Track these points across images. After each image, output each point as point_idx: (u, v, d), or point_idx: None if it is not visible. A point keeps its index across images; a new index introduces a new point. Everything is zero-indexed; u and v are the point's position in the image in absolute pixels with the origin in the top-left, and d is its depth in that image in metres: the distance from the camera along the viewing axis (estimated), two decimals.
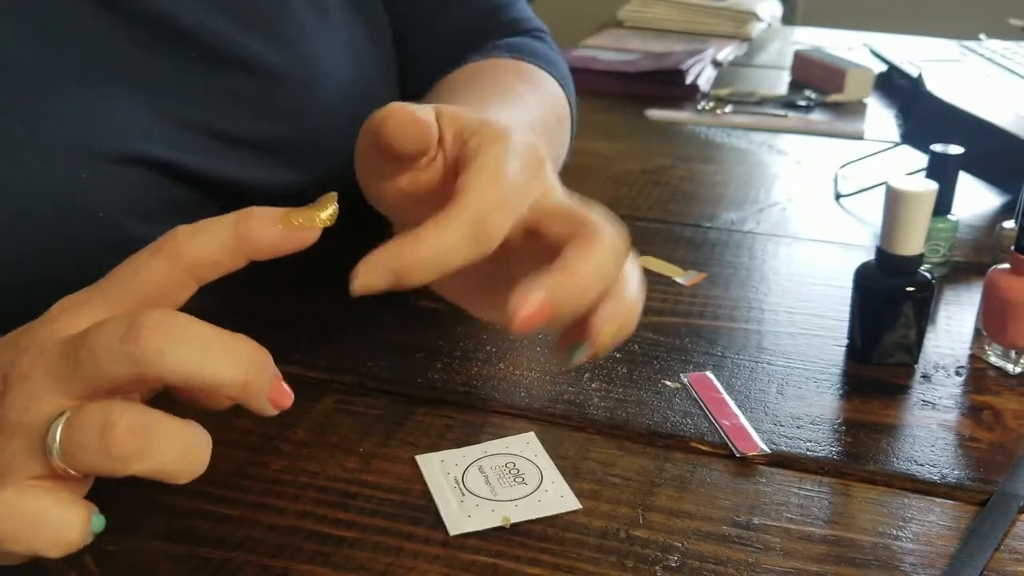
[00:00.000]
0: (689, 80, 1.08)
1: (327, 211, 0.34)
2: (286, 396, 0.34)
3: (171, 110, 0.48)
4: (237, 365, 0.32)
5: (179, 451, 0.32)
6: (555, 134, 0.60)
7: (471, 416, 0.46)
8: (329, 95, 0.53)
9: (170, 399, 0.35)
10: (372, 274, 0.34)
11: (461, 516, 0.39)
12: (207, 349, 0.32)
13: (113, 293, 0.34)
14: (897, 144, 0.83)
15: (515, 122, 0.48)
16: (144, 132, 0.46)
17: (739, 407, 0.47)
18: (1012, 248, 0.50)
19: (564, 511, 0.40)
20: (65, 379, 0.32)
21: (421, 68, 0.63)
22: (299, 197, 0.52)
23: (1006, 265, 0.51)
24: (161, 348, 0.31)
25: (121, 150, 0.45)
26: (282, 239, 0.34)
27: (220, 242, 0.34)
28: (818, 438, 0.45)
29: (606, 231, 0.36)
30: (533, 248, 0.39)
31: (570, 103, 0.65)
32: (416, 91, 0.62)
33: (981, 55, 1.09)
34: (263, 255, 0.34)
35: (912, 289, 0.50)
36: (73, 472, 0.32)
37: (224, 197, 0.50)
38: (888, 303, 0.50)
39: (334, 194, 0.35)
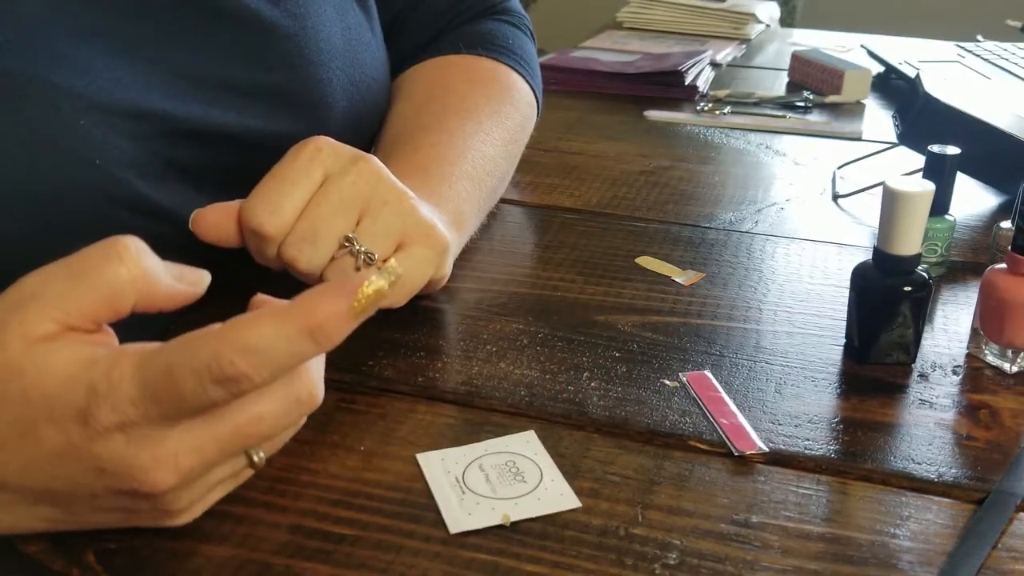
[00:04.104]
0: (688, 81, 1.08)
1: (387, 280, 0.34)
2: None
3: (168, 61, 0.49)
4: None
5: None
6: (508, 164, 0.66)
7: (471, 415, 0.47)
8: (320, 51, 0.57)
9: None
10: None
11: (461, 514, 0.40)
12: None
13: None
14: (894, 145, 0.83)
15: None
16: (142, 83, 0.48)
17: (737, 406, 0.48)
18: (1009, 248, 0.50)
19: (564, 509, 0.40)
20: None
21: (408, 42, 0.71)
22: (290, 144, 0.54)
23: (1003, 265, 0.51)
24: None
25: (118, 100, 0.46)
26: (355, 322, 0.34)
27: (295, 353, 0.33)
28: (816, 437, 0.45)
29: None
30: None
31: (537, 101, 0.72)
32: (404, 66, 0.70)
33: (978, 56, 1.10)
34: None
35: (909, 289, 0.50)
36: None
37: (221, 152, 0.52)
38: (885, 303, 0.51)
39: (395, 266, 0.35)
